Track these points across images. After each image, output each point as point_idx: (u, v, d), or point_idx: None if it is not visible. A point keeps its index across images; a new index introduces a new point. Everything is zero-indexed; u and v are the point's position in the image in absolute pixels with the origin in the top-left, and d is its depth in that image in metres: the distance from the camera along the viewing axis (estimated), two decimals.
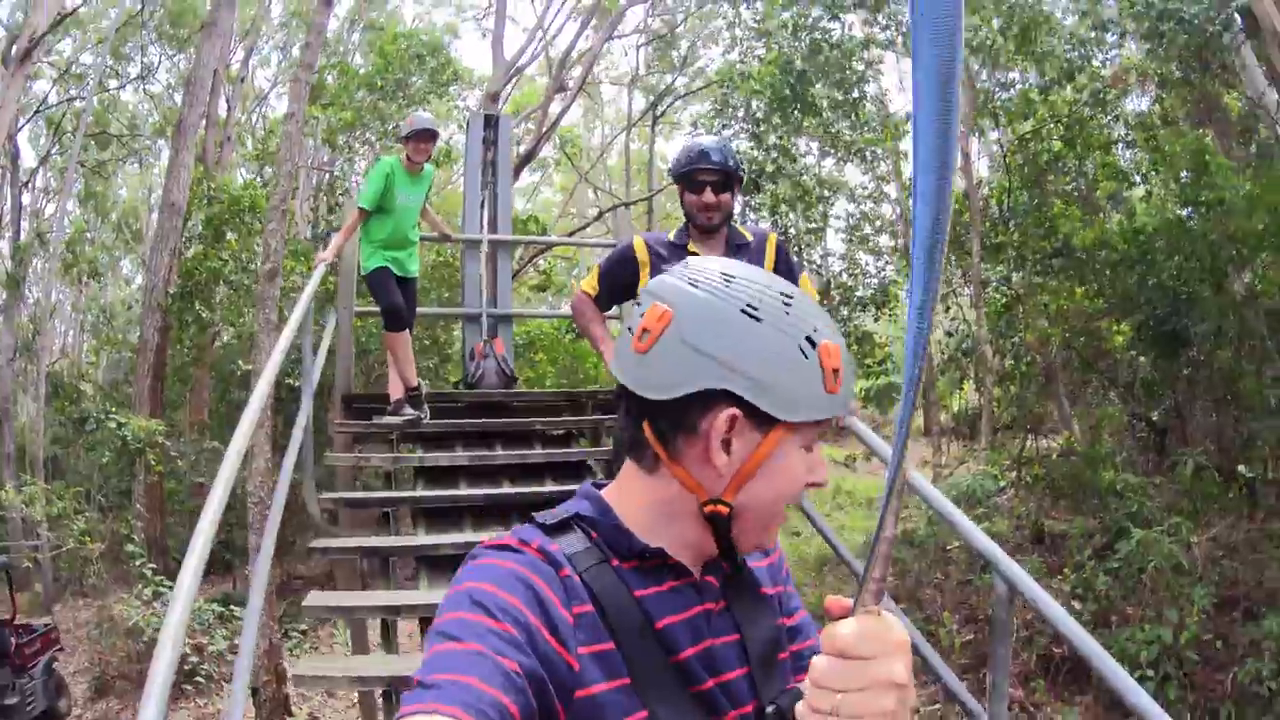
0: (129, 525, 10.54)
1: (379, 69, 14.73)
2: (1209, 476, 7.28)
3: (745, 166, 10.60)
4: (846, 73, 12.03)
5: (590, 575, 0.94)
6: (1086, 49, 10.41)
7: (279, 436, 8.89)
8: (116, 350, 19.65)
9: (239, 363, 13.17)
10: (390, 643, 4.10)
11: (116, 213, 23.98)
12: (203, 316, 12.66)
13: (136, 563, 9.34)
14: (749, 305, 0.92)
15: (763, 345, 0.91)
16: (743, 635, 1.01)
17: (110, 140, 20.71)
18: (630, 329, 0.97)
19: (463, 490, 5.23)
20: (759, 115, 11.89)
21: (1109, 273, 9.10)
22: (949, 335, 11.42)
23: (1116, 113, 10.76)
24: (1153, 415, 9.08)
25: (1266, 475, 7.19)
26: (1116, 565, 6.55)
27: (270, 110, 22.47)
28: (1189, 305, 7.96)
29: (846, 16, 12.25)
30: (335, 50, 19.25)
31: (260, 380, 3.57)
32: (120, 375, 18.46)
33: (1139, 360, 9.11)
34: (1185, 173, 8.94)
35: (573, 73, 17.59)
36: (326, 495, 5.12)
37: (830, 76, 11.85)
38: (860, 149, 13.18)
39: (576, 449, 5.88)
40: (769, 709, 0.96)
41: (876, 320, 12.86)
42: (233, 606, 9.40)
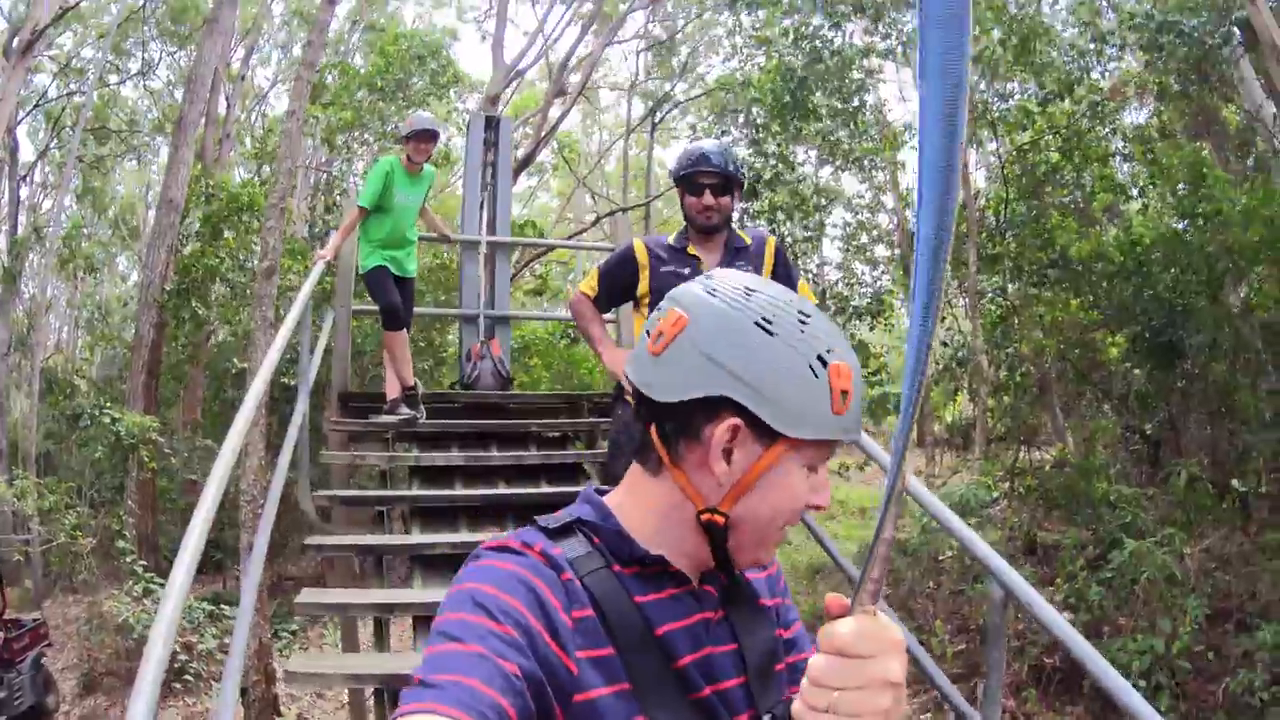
0: (120, 522, 10.50)
1: (379, 69, 14.71)
2: (1202, 488, 7.29)
3: (744, 173, 10.59)
4: (846, 81, 12.05)
5: (591, 580, 0.94)
6: (1085, 60, 10.43)
7: (273, 436, 8.87)
8: (111, 346, 19.58)
9: (234, 361, 13.15)
10: (383, 641, 4.08)
11: (114, 209, 23.95)
12: (199, 314, 12.62)
13: (127, 559, 9.31)
14: (764, 319, 0.93)
15: (773, 359, 0.92)
16: (740, 645, 1.02)
17: (109, 136, 20.63)
18: (648, 331, 0.98)
19: (458, 490, 5.22)
20: (759, 122, 11.90)
21: (1105, 284, 9.13)
22: (944, 345, 11.41)
23: (1114, 125, 10.78)
24: (1147, 428, 9.09)
25: (1260, 488, 7.20)
26: (1109, 575, 6.56)
27: (269, 109, 22.49)
28: (1184, 317, 7.98)
29: (847, 25, 12.27)
30: (336, 50, 19.24)
31: (256, 378, 3.55)
32: (115, 372, 18.38)
33: (1133, 372, 9.13)
34: (1182, 185, 8.97)
35: (572, 78, 17.61)
36: (321, 492, 5.10)
37: (829, 84, 11.86)
38: (858, 158, 13.20)
39: (571, 451, 5.89)
40: (766, 718, 0.97)
41: (872, 329, 12.87)
42: (223, 606, 9.36)
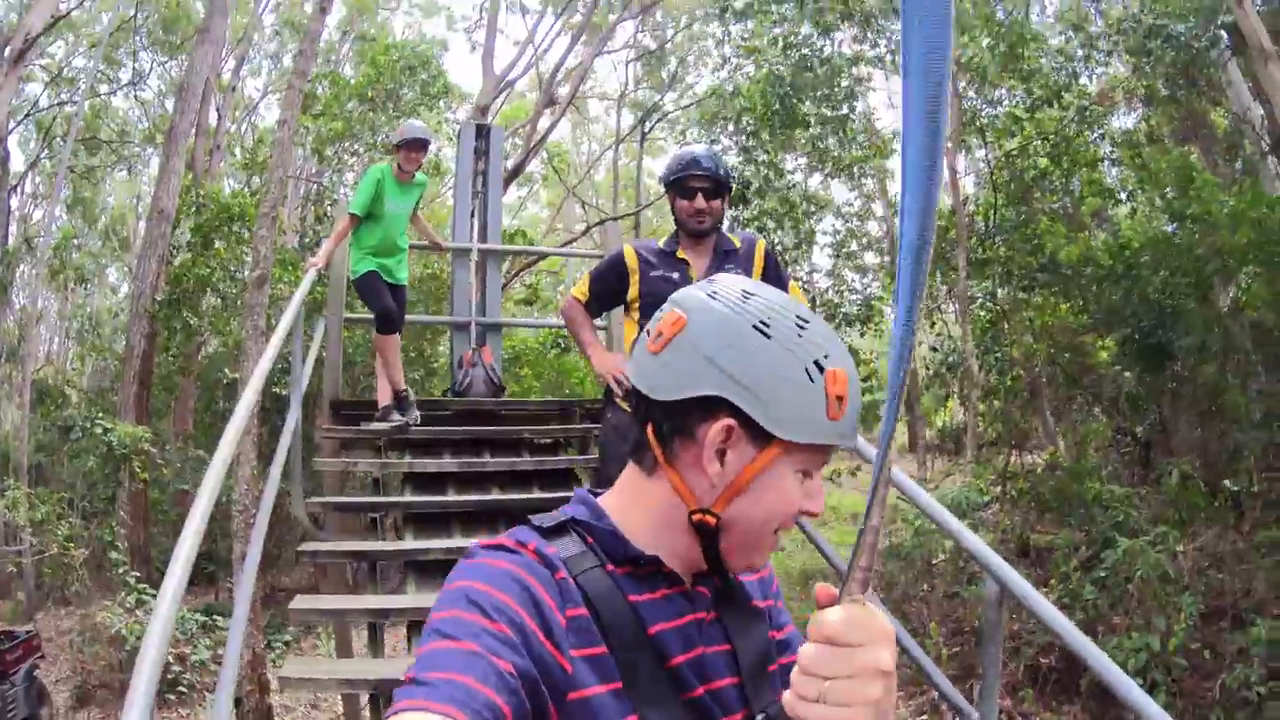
0: (113, 533, 10.43)
1: (370, 80, 14.71)
2: (1194, 487, 7.30)
3: (734, 178, 10.63)
4: (835, 89, 12.10)
5: (585, 579, 0.95)
6: (1073, 66, 10.49)
7: (265, 446, 8.84)
8: (102, 357, 19.50)
9: (225, 371, 13.09)
10: (377, 647, 4.07)
11: (104, 219, 23.90)
12: (190, 324, 12.57)
13: (120, 571, 9.26)
14: (761, 322, 0.94)
15: (769, 361, 0.93)
16: (734, 645, 1.02)
17: (100, 146, 20.59)
18: (648, 332, 1.00)
19: (451, 496, 5.21)
20: (749, 129, 11.94)
21: (1094, 288, 9.15)
22: (934, 350, 11.44)
23: (1103, 130, 10.84)
24: (1137, 429, 9.11)
25: (1252, 487, 7.21)
26: (1103, 575, 6.55)
27: (260, 120, 22.51)
28: (1174, 319, 8.00)
29: (836, 34, 12.32)
30: (327, 60, 19.24)
31: (248, 387, 3.54)
32: (106, 383, 18.30)
33: (1124, 375, 9.14)
34: (1171, 189, 9.01)
35: (561, 89, 17.65)
36: (314, 499, 5.09)
37: (819, 92, 11.91)
38: (847, 165, 13.25)
39: (564, 457, 5.89)
40: (759, 718, 0.98)
41: (862, 335, 12.91)
42: (216, 617, 9.30)
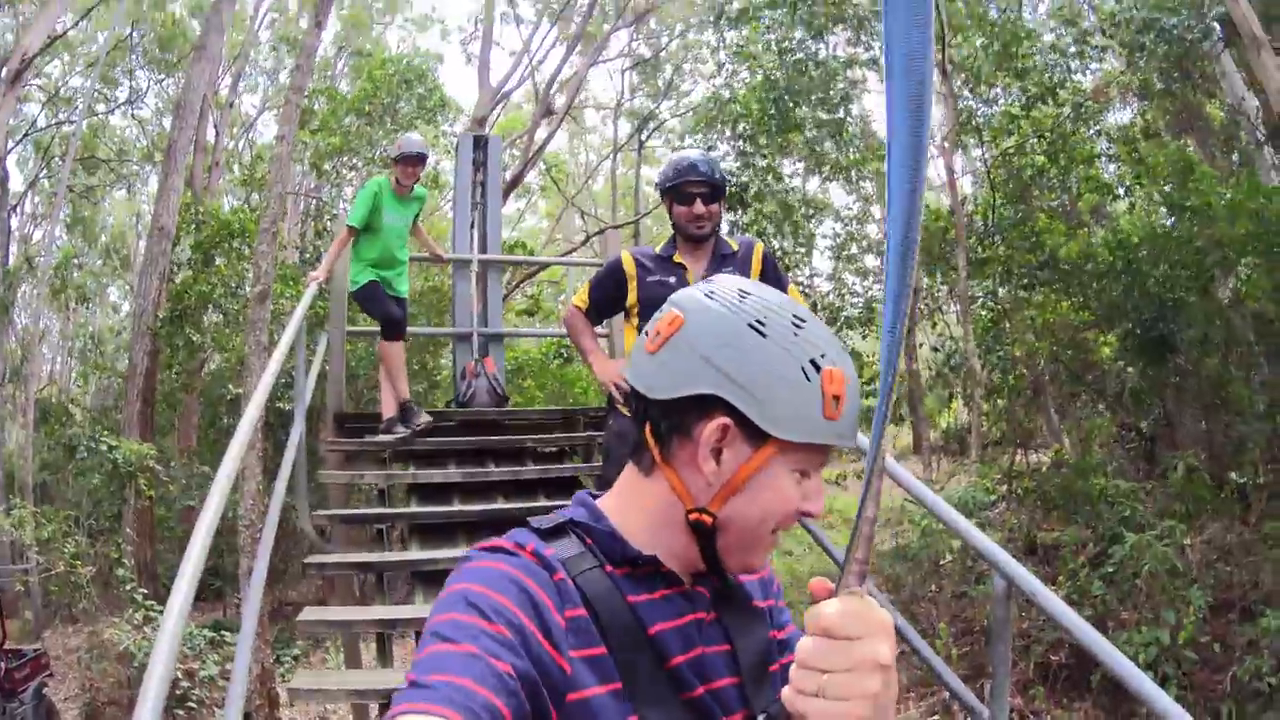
0: (119, 550, 10.43)
1: (367, 94, 14.74)
2: (1200, 479, 7.28)
3: (731, 185, 10.66)
4: (830, 93, 12.11)
5: (583, 580, 0.94)
6: (1068, 62, 10.48)
7: (269, 461, 8.85)
8: (105, 376, 19.52)
9: (229, 387, 13.11)
10: (386, 658, 4.07)
11: (104, 238, 23.96)
12: (192, 341, 12.59)
13: (127, 587, 9.26)
14: (758, 321, 0.94)
15: (765, 360, 0.93)
16: (734, 645, 1.02)
17: (98, 165, 20.65)
18: (647, 332, 1.00)
19: (456, 506, 5.22)
20: (745, 135, 11.95)
21: (1095, 284, 9.14)
22: (936, 351, 11.42)
23: (1099, 126, 10.84)
24: (1142, 424, 9.09)
25: (1258, 479, 7.19)
26: (1111, 570, 6.53)
27: (258, 136, 22.57)
28: (1175, 312, 7.98)
29: (830, 37, 12.34)
30: (323, 75, 19.29)
31: (251, 402, 3.54)
32: (109, 401, 18.35)
33: (1127, 370, 9.13)
34: (1168, 182, 9.01)
35: (558, 98, 17.67)
36: (320, 512, 5.09)
37: (814, 96, 11.92)
38: (845, 168, 13.25)
39: (569, 465, 5.88)
40: (760, 718, 0.97)
41: (864, 338, 12.89)
42: (224, 633, 9.29)
